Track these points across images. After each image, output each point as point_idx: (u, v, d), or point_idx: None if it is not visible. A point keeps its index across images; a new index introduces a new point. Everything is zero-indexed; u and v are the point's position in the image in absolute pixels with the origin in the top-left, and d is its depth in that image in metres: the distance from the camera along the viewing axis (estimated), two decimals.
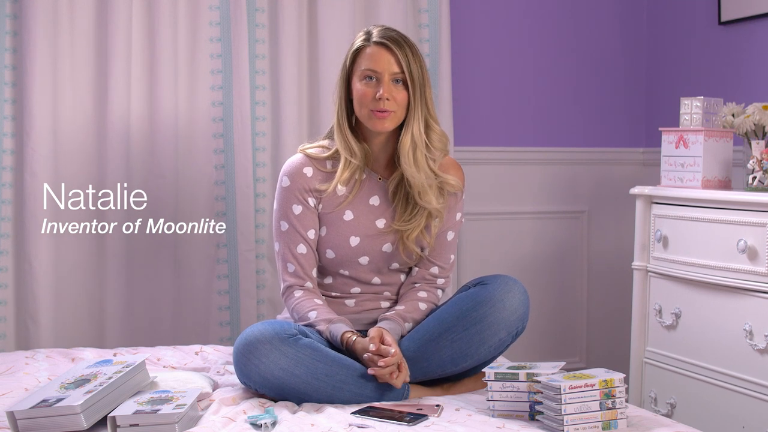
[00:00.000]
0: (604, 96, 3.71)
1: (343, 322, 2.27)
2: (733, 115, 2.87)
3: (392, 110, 2.29)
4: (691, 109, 2.87)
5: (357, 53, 2.33)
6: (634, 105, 3.74)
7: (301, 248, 2.35)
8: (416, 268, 2.44)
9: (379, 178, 2.40)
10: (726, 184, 2.86)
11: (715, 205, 2.69)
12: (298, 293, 2.34)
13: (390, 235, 2.38)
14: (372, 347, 2.15)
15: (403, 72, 2.29)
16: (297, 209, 2.35)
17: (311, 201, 2.36)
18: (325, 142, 2.41)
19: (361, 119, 2.33)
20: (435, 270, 2.43)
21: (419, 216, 2.35)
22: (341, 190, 2.36)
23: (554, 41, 3.63)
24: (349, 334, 2.22)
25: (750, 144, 2.74)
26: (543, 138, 3.65)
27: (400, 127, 2.34)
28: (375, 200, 2.39)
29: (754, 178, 2.65)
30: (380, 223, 2.38)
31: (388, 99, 2.27)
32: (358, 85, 2.31)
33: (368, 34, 2.33)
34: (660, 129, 2.98)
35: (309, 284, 2.35)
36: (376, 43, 2.30)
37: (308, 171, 2.36)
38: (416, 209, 2.35)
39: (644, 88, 3.74)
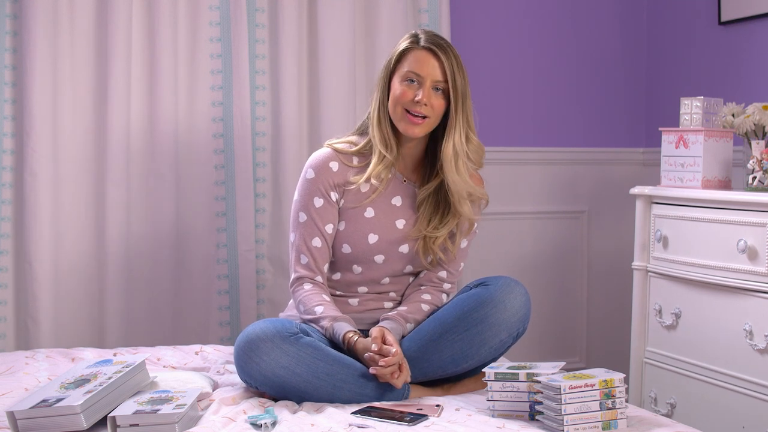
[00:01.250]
0: (604, 96, 3.71)
1: (347, 321, 2.27)
2: (733, 115, 2.87)
3: (427, 116, 2.29)
4: (691, 109, 2.87)
5: (402, 54, 2.33)
6: (634, 105, 3.74)
7: (317, 241, 2.35)
8: (425, 270, 2.44)
9: (404, 180, 2.41)
10: (726, 184, 2.86)
11: (715, 205, 2.69)
12: (307, 286, 2.34)
13: (409, 238, 2.38)
14: (374, 347, 2.15)
15: (446, 81, 2.30)
16: (318, 202, 2.35)
17: (333, 195, 2.36)
18: (353, 138, 2.42)
19: (394, 119, 2.33)
20: (443, 274, 2.43)
21: (449, 223, 2.36)
22: (365, 186, 2.36)
23: (554, 41, 3.63)
24: (350, 334, 2.22)
25: (750, 144, 2.74)
26: (543, 138, 3.64)
27: (432, 135, 2.36)
28: (397, 200, 2.39)
29: (754, 178, 2.65)
30: (400, 224, 2.38)
31: (425, 104, 2.28)
32: (397, 85, 2.31)
33: (415, 37, 2.33)
34: (660, 129, 2.98)
35: (319, 278, 2.36)
36: (424, 47, 2.31)
37: (334, 165, 2.37)
38: (447, 217, 2.36)
39: (644, 88, 3.74)
